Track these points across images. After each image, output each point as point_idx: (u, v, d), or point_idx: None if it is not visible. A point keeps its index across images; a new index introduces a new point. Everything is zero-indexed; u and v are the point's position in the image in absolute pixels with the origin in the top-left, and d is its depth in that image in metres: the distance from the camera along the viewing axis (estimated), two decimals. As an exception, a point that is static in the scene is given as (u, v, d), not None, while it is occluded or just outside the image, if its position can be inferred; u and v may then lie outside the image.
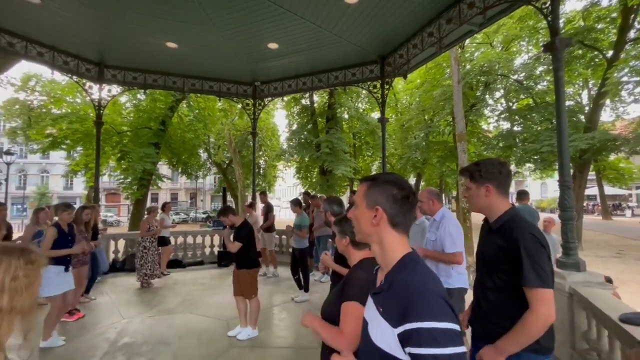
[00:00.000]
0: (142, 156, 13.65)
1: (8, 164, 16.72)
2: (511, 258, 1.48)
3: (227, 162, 24.59)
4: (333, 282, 2.63)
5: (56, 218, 4.00)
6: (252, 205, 7.52)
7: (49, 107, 16.12)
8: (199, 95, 14.46)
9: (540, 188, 42.86)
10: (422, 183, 22.68)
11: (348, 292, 1.47)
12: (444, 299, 0.83)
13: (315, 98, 18.35)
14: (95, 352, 3.49)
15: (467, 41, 14.34)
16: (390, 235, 0.95)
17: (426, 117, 19.11)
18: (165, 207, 7.40)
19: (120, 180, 14.80)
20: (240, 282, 3.93)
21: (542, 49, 13.51)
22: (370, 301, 0.99)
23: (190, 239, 8.31)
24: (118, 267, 7.05)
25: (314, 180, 19.24)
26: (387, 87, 6.84)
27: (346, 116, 18.91)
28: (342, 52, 6.45)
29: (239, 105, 18.35)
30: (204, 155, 23.62)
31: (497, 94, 17.41)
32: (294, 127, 19.85)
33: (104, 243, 7.22)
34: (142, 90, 9.70)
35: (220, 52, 6.56)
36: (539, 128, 14.43)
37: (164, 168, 23.37)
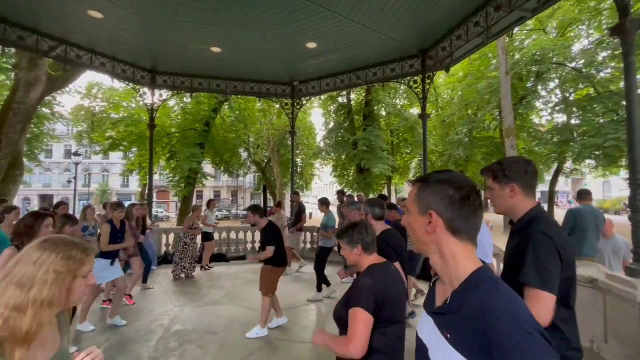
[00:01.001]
0: (188, 156, 14.54)
1: (76, 163, 18.70)
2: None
3: (265, 160, 25.32)
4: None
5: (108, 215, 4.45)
6: (280, 205, 7.75)
7: (109, 112, 17.73)
8: (239, 96, 15.05)
9: (602, 187, 38.80)
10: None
11: (354, 298, 1.48)
12: (540, 332, 0.65)
13: (352, 95, 18.22)
14: (152, 337, 3.80)
15: (516, 29, 13.36)
16: (452, 244, 0.80)
17: (469, 111, 18.15)
18: (210, 204, 7.79)
19: (170, 179, 15.88)
20: (264, 277, 3.94)
21: (605, 32, 12.19)
22: (428, 320, 0.85)
23: (233, 235, 8.71)
24: (169, 259, 7.58)
25: (350, 178, 19.16)
26: (428, 81, 6.61)
27: (384, 113, 18.56)
28: (380, 48, 6.34)
29: (277, 105, 18.80)
30: (244, 154, 24.52)
31: (551, 84, 16.00)
32: (331, 125, 19.90)
33: (156, 237, 7.81)
34: (189, 94, 10.31)
35: (261, 54, 6.76)
36: (601, 120, 13.03)
37: (207, 167, 24.62)
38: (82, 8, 5.05)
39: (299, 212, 7.29)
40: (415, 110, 19.67)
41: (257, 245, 8.51)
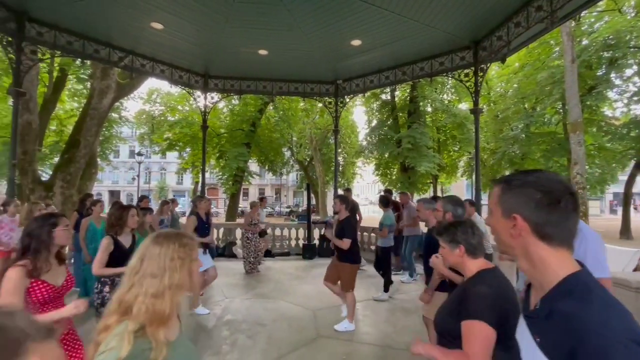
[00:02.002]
0: (236, 155, 15.27)
1: (139, 163, 20.62)
2: None
3: (308, 159, 25.71)
4: (443, 289, 2.52)
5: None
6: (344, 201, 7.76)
7: (166, 115, 19.26)
8: (284, 97, 15.46)
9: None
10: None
11: (470, 310, 1.31)
12: (637, 341, 0.61)
13: (397, 92, 17.75)
14: (207, 324, 4.08)
15: (584, 11, 11.97)
16: (541, 250, 0.76)
17: (527, 105, 16.71)
18: (261, 202, 8.05)
19: (219, 177, 16.82)
20: (340, 274, 4.09)
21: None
22: (522, 321, 0.84)
23: (278, 231, 8.99)
24: (219, 252, 8.05)
25: (394, 177, 18.71)
26: (481, 74, 6.19)
27: (430, 109, 17.82)
28: (429, 41, 6.09)
29: (319, 104, 18.90)
30: (287, 154, 25.14)
31: (628, 72, 14.11)
32: (374, 123, 19.59)
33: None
34: (237, 96, 10.82)
35: (305, 54, 6.86)
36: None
37: (253, 165, 25.64)
38: (146, 21, 5.54)
39: (352, 210, 7.24)
40: (465, 106, 18.58)
41: (301, 242, 8.72)
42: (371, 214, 28.47)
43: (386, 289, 5.25)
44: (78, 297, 4.00)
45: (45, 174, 11.64)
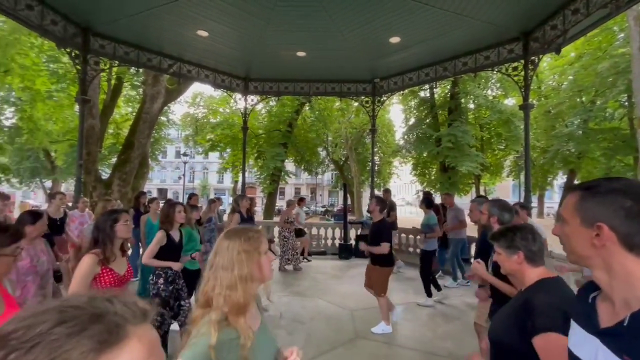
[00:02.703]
0: (273, 155, 15.69)
1: (185, 163, 21.95)
2: None
3: (343, 159, 25.67)
4: (494, 298, 2.39)
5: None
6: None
7: (209, 117, 20.30)
8: (320, 97, 15.58)
9: None
10: (577, 182, 18.28)
11: (541, 322, 1.21)
12: None
13: (436, 89, 17.10)
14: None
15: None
16: (628, 262, 0.72)
17: (584, 98, 15.27)
18: (300, 202, 8.19)
19: (257, 176, 17.39)
20: (372, 277, 4.06)
21: None
22: (590, 339, 0.78)
23: (314, 230, 9.09)
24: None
25: (432, 177, 18.08)
26: (532, 67, 5.77)
27: (472, 106, 16.95)
28: (473, 35, 5.79)
29: (355, 103, 18.75)
30: (322, 153, 25.31)
31: None
32: (411, 121, 19.08)
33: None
34: (274, 97, 11.11)
35: (342, 54, 6.86)
36: None
37: (289, 165, 26.14)
38: (193, 30, 5.88)
39: (390, 209, 7.17)
40: (512, 101, 17.43)
41: (337, 242, 8.74)
42: (408, 215, 27.76)
43: (429, 294, 5.06)
44: (138, 287, 4.34)
45: (104, 173, 12.80)
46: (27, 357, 0.35)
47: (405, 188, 50.13)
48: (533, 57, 5.68)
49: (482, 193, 21.50)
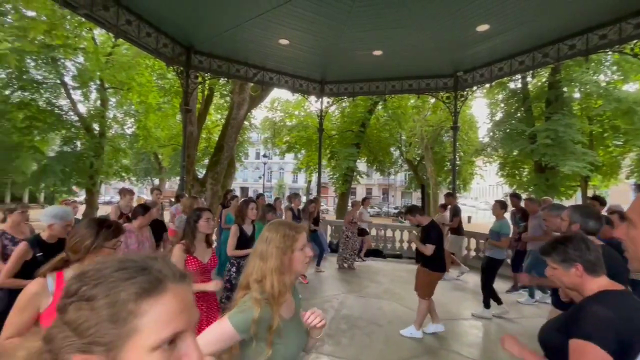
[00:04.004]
0: (346, 155, 15.82)
1: (264, 164, 23.71)
2: None
3: (418, 159, 24.49)
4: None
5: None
6: (444, 206, 7.22)
7: (285, 120, 21.48)
8: (393, 95, 15.15)
9: None
10: None
11: (581, 328, 1.18)
12: None
13: (529, 78, 15.06)
14: (326, 315, 4.34)
15: None
16: None
17: None
18: (364, 201, 8.15)
19: (330, 176, 17.74)
20: (420, 279, 3.95)
21: None
22: None
23: (389, 232, 8.87)
24: (333, 248, 8.48)
25: (524, 178, 15.97)
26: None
27: (578, 95, 14.45)
28: (582, 11, 4.95)
29: (432, 100, 17.70)
30: (395, 153, 24.56)
31: None
32: (498, 116, 17.17)
33: (323, 227, 8.87)
34: (347, 98, 11.17)
35: (421, 49, 6.55)
36: None
37: (361, 165, 26.05)
38: (275, 39, 6.30)
39: (454, 214, 6.73)
40: (633, 87, 14.34)
41: (414, 245, 8.37)
42: (493, 220, 25.08)
43: (487, 305, 4.55)
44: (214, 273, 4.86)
45: (199, 173, 14.59)
46: (92, 290, 0.45)
47: (489, 191, 45.46)
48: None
49: (590, 196, 18.17)
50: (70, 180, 15.10)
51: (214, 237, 3.73)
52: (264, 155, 23.52)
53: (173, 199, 7.37)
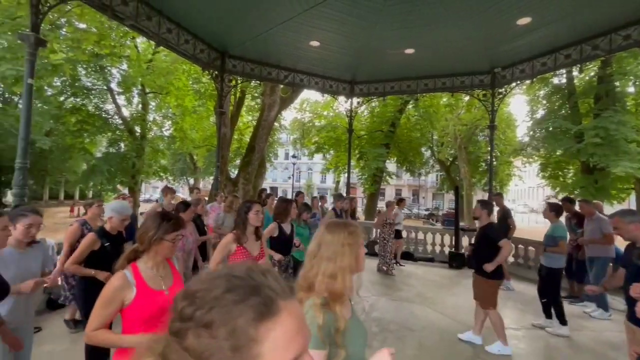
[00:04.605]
0: (375, 156, 15.63)
1: (294, 164, 24.06)
2: None
3: (450, 159, 23.65)
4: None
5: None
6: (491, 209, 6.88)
7: (314, 121, 21.62)
8: (425, 94, 14.73)
9: None
10: None
11: None
12: None
13: (575, 72, 14.02)
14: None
15: None
16: None
17: None
18: (400, 202, 7.98)
19: (359, 177, 17.61)
20: (477, 288, 3.74)
21: None
22: None
23: (420, 235, 8.64)
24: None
25: (568, 180, 14.90)
26: None
27: (632, 89, 13.26)
28: (640, -2, 4.52)
29: (466, 98, 16.99)
30: (427, 153, 23.89)
31: None
32: (539, 114, 16.17)
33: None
34: (376, 98, 11.03)
35: (456, 46, 6.31)
36: None
37: (390, 166, 25.65)
38: (306, 41, 6.36)
39: (503, 217, 6.25)
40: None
41: (446, 249, 8.09)
42: (533, 225, 23.64)
43: (562, 321, 4.14)
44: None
45: (231, 173, 15.07)
46: (208, 316, 0.42)
47: (528, 193, 42.91)
48: None
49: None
50: (115, 179, 16.23)
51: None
52: (293, 156, 23.87)
53: (207, 198, 7.67)
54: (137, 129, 17.30)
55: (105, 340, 1.48)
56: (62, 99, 15.68)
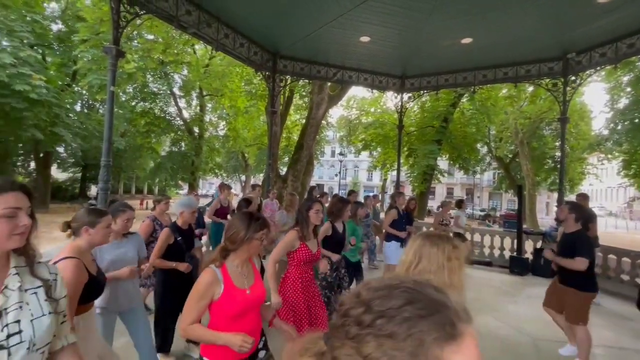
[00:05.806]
0: (426, 153, 14.97)
1: (341, 161, 24.10)
2: None
3: (510, 156, 21.77)
4: None
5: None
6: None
7: (361, 118, 21.37)
8: (482, 86, 13.71)
9: None
10: None
11: None
12: None
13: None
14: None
15: None
16: None
17: None
18: (461, 204, 7.52)
19: (408, 174, 17.03)
20: (564, 300, 3.28)
21: None
22: None
23: (477, 237, 8.10)
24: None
25: (659, 179, 12.85)
26: None
27: None
28: None
29: (530, 88, 15.50)
30: (482, 150, 22.28)
31: None
32: (620, 104, 14.15)
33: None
34: (431, 92, 10.52)
35: (521, 32, 5.76)
36: None
37: (442, 163, 24.42)
38: (356, 37, 6.28)
39: (586, 221, 5.54)
40: None
41: (507, 253, 7.47)
42: (611, 230, 20.86)
43: None
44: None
45: (281, 170, 15.56)
46: (390, 326, 0.40)
47: (606, 193, 37.94)
48: None
49: None
50: (177, 176, 17.76)
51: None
52: (340, 154, 23.87)
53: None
54: (196, 129, 18.70)
55: (201, 336, 1.53)
56: (133, 103, 17.56)
